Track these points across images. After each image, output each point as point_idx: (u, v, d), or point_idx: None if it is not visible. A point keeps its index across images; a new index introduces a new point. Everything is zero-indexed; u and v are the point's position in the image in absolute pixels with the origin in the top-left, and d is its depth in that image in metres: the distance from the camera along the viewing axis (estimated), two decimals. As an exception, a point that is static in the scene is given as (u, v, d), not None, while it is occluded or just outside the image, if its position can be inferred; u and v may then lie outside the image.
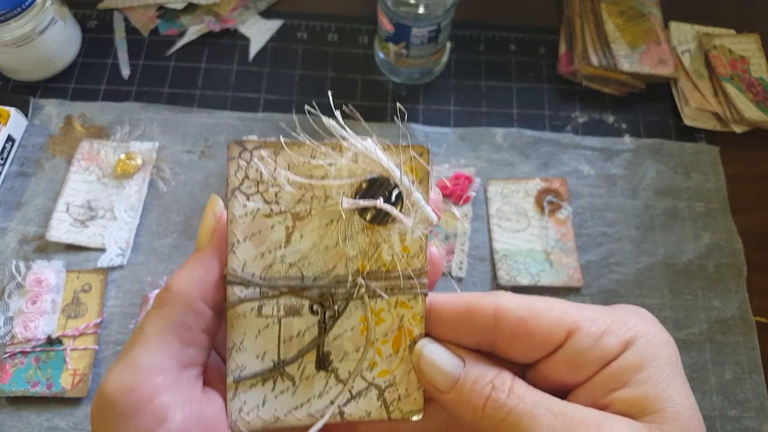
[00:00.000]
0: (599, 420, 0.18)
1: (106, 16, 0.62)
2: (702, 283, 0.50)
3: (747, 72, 0.58)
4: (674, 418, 0.18)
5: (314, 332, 0.21)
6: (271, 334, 0.20)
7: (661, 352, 0.19)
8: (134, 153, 0.53)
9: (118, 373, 0.18)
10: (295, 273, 0.20)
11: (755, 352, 0.47)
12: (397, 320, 0.21)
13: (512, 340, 0.20)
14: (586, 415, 0.18)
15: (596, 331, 0.19)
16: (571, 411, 0.18)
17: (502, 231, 0.51)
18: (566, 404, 0.18)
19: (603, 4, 0.60)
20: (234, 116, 0.56)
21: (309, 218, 0.20)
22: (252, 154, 0.20)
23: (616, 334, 0.19)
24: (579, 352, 0.19)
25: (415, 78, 0.58)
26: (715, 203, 0.53)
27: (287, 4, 0.63)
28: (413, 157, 0.21)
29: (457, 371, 0.19)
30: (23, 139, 0.54)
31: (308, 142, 0.21)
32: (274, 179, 0.20)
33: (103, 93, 0.57)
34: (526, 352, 0.20)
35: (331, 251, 0.20)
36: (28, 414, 0.44)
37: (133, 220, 0.50)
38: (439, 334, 0.21)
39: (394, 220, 0.20)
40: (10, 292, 0.47)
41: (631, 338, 0.19)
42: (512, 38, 0.61)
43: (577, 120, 0.57)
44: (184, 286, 0.19)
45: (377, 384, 0.21)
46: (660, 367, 0.19)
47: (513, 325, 0.19)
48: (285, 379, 0.20)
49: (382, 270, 0.21)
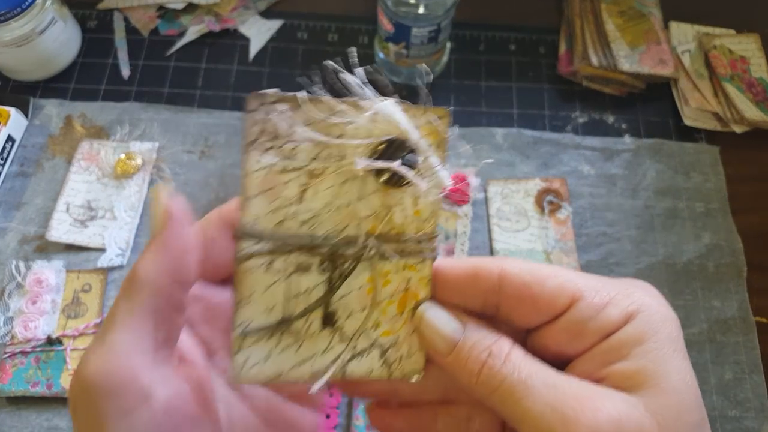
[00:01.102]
0: (592, 394, 0.18)
1: (106, 16, 0.62)
2: (702, 283, 0.50)
3: (747, 72, 0.58)
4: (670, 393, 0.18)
5: (321, 290, 0.20)
6: (279, 290, 0.20)
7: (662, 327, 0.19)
8: (134, 153, 0.53)
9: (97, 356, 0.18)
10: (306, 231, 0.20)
11: (755, 352, 0.47)
12: (403, 282, 0.21)
13: (515, 304, 0.20)
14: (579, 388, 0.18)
15: (599, 302, 0.19)
16: (565, 384, 0.18)
17: (502, 231, 0.51)
18: (561, 376, 0.18)
19: (603, 4, 0.60)
20: (234, 116, 0.56)
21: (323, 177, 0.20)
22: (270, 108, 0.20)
23: (619, 306, 0.19)
24: (580, 321, 0.19)
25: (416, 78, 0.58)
26: (715, 203, 0.53)
27: (287, 4, 0.63)
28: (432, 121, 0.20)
29: (457, 335, 0.19)
30: (23, 139, 0.54)
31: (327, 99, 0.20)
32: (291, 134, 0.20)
33: (103, 93, 0.57)
34: (528, 317, 0.20)
35: (343, 211, 0.20)
36: (28, 414, 0.44)
37: (133, 220, 0.50)
38: (445, 296, 0.21)
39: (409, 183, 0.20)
40: (10, 292, 0.47)
41: (633, 311, 0.19)
42: (512, 38, 0.61)
43: (577, 120, 0.57)
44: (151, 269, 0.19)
45: (381, 343, 0.21)
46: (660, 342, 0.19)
47: (517, 289, 0.19)
48: (290, 335, 0.20)
49: (392, 232, 0.20)
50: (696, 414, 0.18)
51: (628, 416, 0.17)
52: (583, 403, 0.17)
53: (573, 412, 0.17)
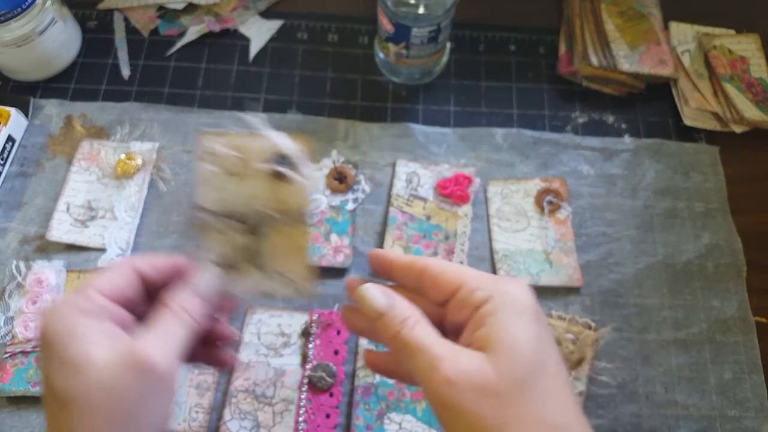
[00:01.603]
0: (456, 353, 0.25)
1: (106, 16, 0.62)
2: (701, 283, 0.50)
3: (747, 72, 0.58)
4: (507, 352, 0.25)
5: (247, 243, 0.33)
6: (224, 242, 0.33)
7: (510, 304, 0.26)
8: (134, 153, 0.53)
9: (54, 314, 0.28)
10: (236, 208, 0.33)
11: (755, 352, 0.47)
12: (293, 238, 0.34)
13: (429, 286, 0.29)
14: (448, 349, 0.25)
15: (472, 286, 0.27)
16: (440, 346, 0.26)
17: (502, 231, 0.51)
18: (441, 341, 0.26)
19: (603, 5, 0.60)
20: (234, 116, 0.56)
21: (243, 176, 0.34)
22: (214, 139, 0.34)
23: (484, 290, 0.27)
24: (460, 299, 0.27)
25: (415, 78, 0.58)
26: (715, 203, 0.53)
27: (287, 5, 0.63)
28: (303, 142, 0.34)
29: (385, 307, 0.28)
30: (23, 139, 0.55)
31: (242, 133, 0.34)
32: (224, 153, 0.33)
33: (104, 93, 0.57)
34: (436, 295, 0.29)
35: (256, 196, 0.33)
36: (28, 414, 0.44)
37: (133, 220, 0.51)
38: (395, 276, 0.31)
39: (290, 179, 0.33)
40: (11, 292, 0.48)
41: (491, 294, 0.27)
42: (512, 38, 0.61)
43: (577, 120, 0.57)
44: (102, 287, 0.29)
45: (283, 273, 0.34)
46: (505, 315, 0.26)
47: (430, 276, 0.29)
48: (231, 268, 0.33)
49: (284, 208, 0.33)
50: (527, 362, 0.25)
51: (475, 367, 0.24)
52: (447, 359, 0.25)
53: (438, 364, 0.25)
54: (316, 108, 0.57)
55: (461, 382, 0.24)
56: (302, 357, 0.46)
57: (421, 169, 0.53)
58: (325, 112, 0.57)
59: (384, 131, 0.55)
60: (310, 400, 0.44)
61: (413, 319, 0.27)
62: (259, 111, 0.57)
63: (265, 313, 0.47)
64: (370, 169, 0.53)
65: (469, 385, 0.24)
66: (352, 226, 0.51)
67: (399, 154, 0.54)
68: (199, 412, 0.44)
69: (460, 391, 0.24)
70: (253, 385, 0.45)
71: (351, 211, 0.51)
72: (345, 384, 0.45)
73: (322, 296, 0.48)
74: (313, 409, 0.44)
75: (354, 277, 0.43)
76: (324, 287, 0.49)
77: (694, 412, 0.45)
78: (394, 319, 0.27)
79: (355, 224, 0.51)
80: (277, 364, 0.45)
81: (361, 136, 0.55)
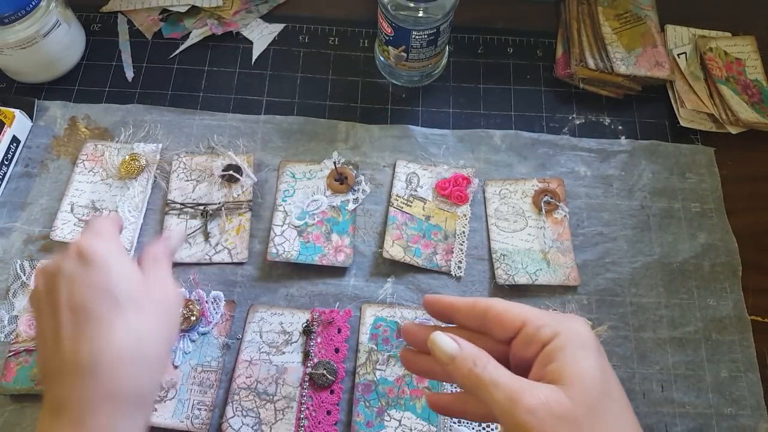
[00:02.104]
0: (531, 386, 0.27)
1: (109, 19, 0.62)
2: (698, 283, 0.50)
3: (742, 74, 0.59)
4: (579, 383, 0.27)
5: (201, 225, 0.50)
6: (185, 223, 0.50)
7: (576, 339, 0.29)
8: (138, 154, 0.53)
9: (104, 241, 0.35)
10: (196, 200, 0.51)
11: (750, 351, 0.48)
12: (238, 220, 0.51)
13: (493, 325, 0.31)
14: (523, 383, 0.28)
15: (538, 324, 0.30)
16: (515, 381, 0.28)
17: (500, 231, 0.52)
18: (514, 376, 0.28)
19: (600, 8, 0.61)
20: (236, 118, 0.57)
21: (203, 180, 0.52)
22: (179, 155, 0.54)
23: (550, 327, 0.29)
24: (527, 336, 0.30)
25: (415, 80, 0.59)
26: (711, 203, 0.54)
27: (289, 8, 0.64)
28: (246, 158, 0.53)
29: (455, 351, 0.30)
30: (28, 140, 0.55)
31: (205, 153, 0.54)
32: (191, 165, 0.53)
33: (107, 95, 0.58)
34: (501, 333, 0.31)
35: (212, 192, 0.52)
36: (32, 412, 0.45)
37: (137, 220, 0.51)
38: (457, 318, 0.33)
39: (237, 180, 0.51)
40: (15, 291, 0.48)
41: (557, 330, 0.29)
42: (510, 41, 0.62)
43: (574, 122, 0.58)
44: None
45: (227, 247, 0.50)
46: (573, 350, 0.28)
47: (495, 316, 0.31)
48: (189, 242, 0.50)
49: (233, 201, 0.51)
50: (597, 391, 0.27)
51: (552, 398, 0.27)
52: (526, 392, 0.27)
53: (519, 396, 0.27)
54: (317, 110, 0.57)
55: (542, 412, 0.26)
56: (304, 355, 0.46)
57: (421, 170, 0.54)
58: (326, 113, 0.57)
59: (384, 133, 0.56)
60: (311, 397, 0.45)
61: (483, 358, 0.29)
62: (260, 113, 0.57)
63: (267, 311, 0.48)
64: (371, 169, 0.54)
65: (548, 414, 0.26)
66: (353, 226, 0.51)
67: (399, 155, 0.55)
68: (201, 410, 0.44)
69: (541, 420, 0.26)
70: (255, 383, 0.45)
71: (351, 211, 0.52)
72: (346, 381, 0.46)
73: (323, 295, 0.49)
74: (314, 406, 0.44)
75: (406, 321, 0.47)
76: (325, 286, 0.49)
77: (690, 410, 0.46)
78: (466, 361, 0.29)
79: (356, 224, 0.52)
80: (278, 361, 0.46)
81: (362, 137, 0.56)
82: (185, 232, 0.50)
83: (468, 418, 0.33)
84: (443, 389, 0.45)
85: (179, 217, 0.51)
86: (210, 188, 0.52)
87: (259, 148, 0.55)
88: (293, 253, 0.49)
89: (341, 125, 0.56)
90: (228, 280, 0.49)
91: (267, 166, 0.54)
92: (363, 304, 0.48)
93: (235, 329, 0.48)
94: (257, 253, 0.50)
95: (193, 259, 0.50)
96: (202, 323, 0.47)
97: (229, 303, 0.48)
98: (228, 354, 0.47)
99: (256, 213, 0.52)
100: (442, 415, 0.38)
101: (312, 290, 0.49)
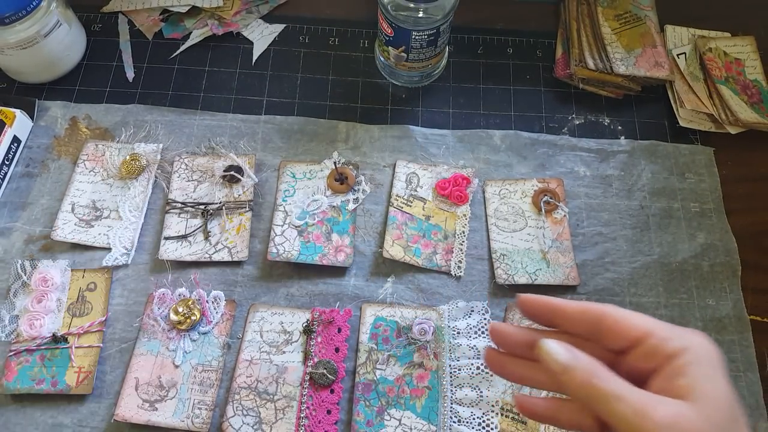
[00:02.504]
0: (659, 400, 0.26)
1: (110, 19, 0.63)
2: (697, 282, 0.50)
3: (742, 74, 0.59)
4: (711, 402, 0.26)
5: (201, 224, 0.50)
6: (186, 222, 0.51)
7: (707, 356, 0.27)
8: (138, 154, 0.53)
9: None
10: (196, 200, 0.51)
11: (750, 351, 0.48)
12: (238, 219, 0.51)
13: (609, 333, 0.29)
14: (649, 396, 0.26)
15: (663, 336, 0.28)
16: (640, 394, 0.26)
17: (500, 231, 0.52)
18: (637, 389, 0.26)
19: (599, 8, 0.61)
20: (237, 118, 0.57)
21: (205, 180, 0.53)
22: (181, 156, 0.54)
23: (679, 340, 0.28)
24: (650, 347, 0.28)
25: (415, 81, 0.59)
26: (710, 203, 0.54)
27: (289, 9, 0.64)
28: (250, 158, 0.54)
29: (570, 361, 0.28)
30: (29, 140, 0.55)
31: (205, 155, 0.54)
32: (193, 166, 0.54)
33: (108, 95, 0.58)
34: (618, 342, 0.29)
35: (212, 192, 0.52)
36: (33, 411, 0.45)
37: (137, 220, 0.51)
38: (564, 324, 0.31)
39: (239, 181, 0.52)
40: (16, 291, 0.48)
41: (687, 344, 0.27)
42: (510, 42, 0.62)
43: (574, 122, 0.58)
44: None
45: (228, 246, 0.50)
46: (705, 366, 0.27)
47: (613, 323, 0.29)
48: (189, 241, 0.50)
49: (234, 200, 0.52)
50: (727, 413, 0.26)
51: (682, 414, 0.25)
52: (652, 405, 0.25)
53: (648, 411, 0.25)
54: (317, 110, 0.58)
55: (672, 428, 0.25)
56: (304, 354, 0.46)
57: (421, 170, 0.54)
58: (326, 114, 0.57)
59: (384, 133, 0.56)
60: (311, 397, 0.45)
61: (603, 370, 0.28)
62: (261, 113, 0.58)
63: (268, 311, 0.48)
64: (371, 169, 0.54)
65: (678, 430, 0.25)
66: (353, 225, 0.51)
67: (399, 155, 0.55)
68: (201, 409, 0.44)
69: None
70: (256, 382, 0.45)
71: (352, 211, 0.52)
72: (346, 381, 0.46)
73: (323, 294, 0.49)
74: (314, 406, 0.44)
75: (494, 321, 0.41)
76: (325, 286, 0.49)
77: (689, 409, 0.46)
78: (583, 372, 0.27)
79: (356, 224, 0.52)
80: (279, 361, 0.46)
81: (362, 137, 0.56)
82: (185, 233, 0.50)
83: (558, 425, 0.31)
84: (443, 389, 0.45)
85: (180, 216, 0.51)
86: (211, 188, 0.52)
87: (259, 148, 0.55)
88: (293, 252, 0.50)
89: (341, 125, 0.56)
90: (228, 280, 0.49)
91: (267, 166, 0.54)
92: (363, 303, 0.48)
93: (235, 329, 0.48)
94: (258, 253, 0.51)
95: (193, 258, 0.50)
96: (203, 323, 0.47)
97: (229, 303, 0.48)
98: (228, 353, 0.47)
99: (256, 213, 0.52)
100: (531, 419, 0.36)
101: (312, 290, 0.49)
